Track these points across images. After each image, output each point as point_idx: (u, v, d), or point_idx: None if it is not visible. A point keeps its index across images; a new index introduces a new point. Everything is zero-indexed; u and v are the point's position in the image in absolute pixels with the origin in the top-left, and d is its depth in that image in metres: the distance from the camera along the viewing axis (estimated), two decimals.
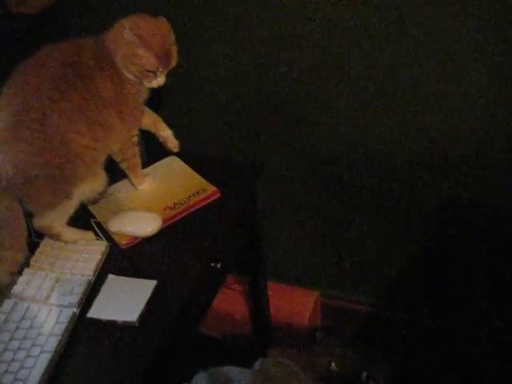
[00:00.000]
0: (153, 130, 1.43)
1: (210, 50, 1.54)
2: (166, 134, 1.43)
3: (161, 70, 1.25)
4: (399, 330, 1.91)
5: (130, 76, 1.25)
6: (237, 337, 1.95)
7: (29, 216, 1.23)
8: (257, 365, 0.80)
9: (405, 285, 1.84)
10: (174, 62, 1.27)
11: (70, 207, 1.26)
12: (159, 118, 1.43)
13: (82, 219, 1.36)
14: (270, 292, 1.87)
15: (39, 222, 1.25)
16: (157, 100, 1.36)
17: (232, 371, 0.77)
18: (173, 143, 1.44)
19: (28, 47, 1.20)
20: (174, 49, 1.26)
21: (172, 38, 1.25)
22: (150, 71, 1.24)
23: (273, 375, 0.77)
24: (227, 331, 1.98)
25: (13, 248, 1.18)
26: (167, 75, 1.28)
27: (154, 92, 1.34)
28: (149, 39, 1.20)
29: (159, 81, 1.27)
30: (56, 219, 1.26)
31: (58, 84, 1.17)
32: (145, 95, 1.32)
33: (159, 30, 1.23)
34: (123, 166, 1.39)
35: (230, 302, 1.93)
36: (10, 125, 1.15)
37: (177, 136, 1.44)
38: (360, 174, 1.63)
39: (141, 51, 1.20)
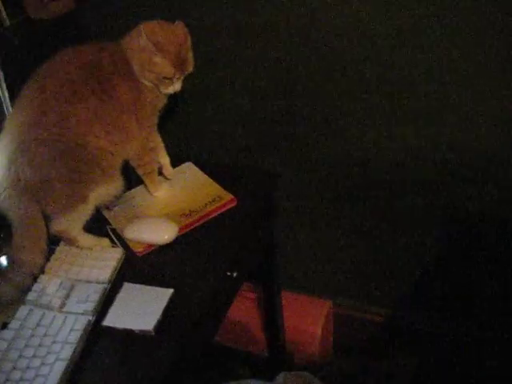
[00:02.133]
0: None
1: (227, 57, 1.53)
2: (164, 162, 1.45)
3: (177, 76, 1.24)
4: (413, 341, 1.90)
5: (146, 82, 1.24)
6: (250, 346, 1.93)
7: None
8: (279, 378, 0.78)
9: (418, 295, 1.82)
10: (190, 68, 1.27)
11: (85, 211, 1.25)
12: (162, 144, 1.43)
13: (98, 226, 1.35)
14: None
15: (56, 227, 1.24)
16: (173, 106, 1.35)
17: None
18: (168, 171, 1.46)
19: (47, 52, 1.20)
20: (191, 54, 1.26)
21: (189, 43, 1.25)
22: (166, 78, 1.23)
23: None
24: (239, 340, 1.96)
25: (32, 250, 1.17)
26: (184, 80, 1.27)
27: (170, 98, 1.33)
28: (165, 46, 1.20)
29: (175, 87, 1.27)
30: (72, 224, 1.25)
31: (76, 87, 1.18)
32: (162, 101, 1.32)
33: (176, 35, 1.23)
34: (140, 171, 1.38)
35: (243, 310, 1.92)
36: (29, 127, 1.16)
37: (192, 143, 1.42)
38: (375, 183, 1.62)
39: (157, 58, 1.20)
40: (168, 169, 1.45)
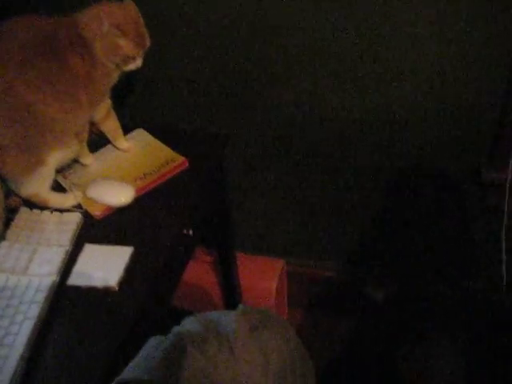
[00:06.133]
0: (110, 137, 1.47)
1: (175, 25, 1.56)
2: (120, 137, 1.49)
3: (140, 54, 1.29)
4: (363, 295, 2.00)
5: (109, 64, 1.28)
6: (208, 307, 1.99)
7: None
8: (239, 309, 0.85)
9: (368, 248, 1.92)
10: (148, 42, 1.31)
11: (47, 173, 1.29)
12: (120, 129, 1.48)
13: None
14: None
15: (25, 192, 1.30)
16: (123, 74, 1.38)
17: (217, 314, 0.82)
18: (123, 146, 1.50)
19: None
20: (146, 29, 1.30)
21: (142, 18, 1.29)
22: (130, 57, 1.28)
23: (256, 318, 0.83)
24: (197, 303, 2.02)
25: None
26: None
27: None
28: (126, 27, 1.24)
29: (138, 63, 1.31)
30: (39, 186, 1.30)
31: (27, 54, 1.19)
32: (115, 80, 1.35)
33: (131, 14, 1.26)
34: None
35: (199, 273, 1.98)
36: None
37: (143, 108, 1.45)
38: (319, 140, 1.68)
39: (122, 42, 1.24)
40: (123, 143, 1.50)
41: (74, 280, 1.19)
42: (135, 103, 1.69)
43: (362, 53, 1.47)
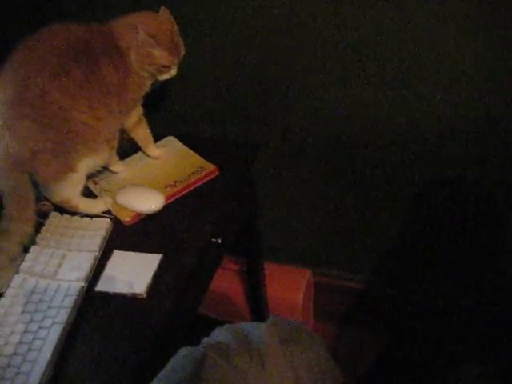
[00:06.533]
0: (140, 144, 1.48)
1: (205, 34, 1.57)
2: (150, 144, 1.50)
3: (175, 63, 1.30)
4: (391, 306, 1.97)
5: (144, 74, 1.29)
6: (235, 316, 1.99)
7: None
8: (269, 320, 0.84)
9: (396, 261, 1.89)
10: (183, 52, 1.32)
11: (78, 179, 1.30)
12: (151, 136, 1.49)
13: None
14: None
15: (56, 197, 1.31)
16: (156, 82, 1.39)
17: (247, 325, 0.81)
18: (154, 153, 1.51)
19: (28, 28, 1.23)
20: (180, 38, 1.31)
21: (176, 28, 1.30)
22: (165, 66, 1.29)
23: (287, 331, 0.82)
24: (223, 311, 2.02)
25: (21, 219, 1.21)
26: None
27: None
28: (161, 37, 1.25)
29: (172, 72, 1.33)
30: (70, 192, 1.31)
31: (61, 60, 1.20)
32: (147, 88, 1.36)
33: (166, 24, 1.28)
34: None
35: (226, 281, 1.97)
36: (14, 102, 1.18)
37: (173, 117, 1.45)
38: (351, 152, 1.67)
39: (157, 51, 1.25)
40: (153, 151, 1.50)
41: (102, 286, 1.20)
42: (166, 111, 1.69)
43: (403, 58, 1.45)
